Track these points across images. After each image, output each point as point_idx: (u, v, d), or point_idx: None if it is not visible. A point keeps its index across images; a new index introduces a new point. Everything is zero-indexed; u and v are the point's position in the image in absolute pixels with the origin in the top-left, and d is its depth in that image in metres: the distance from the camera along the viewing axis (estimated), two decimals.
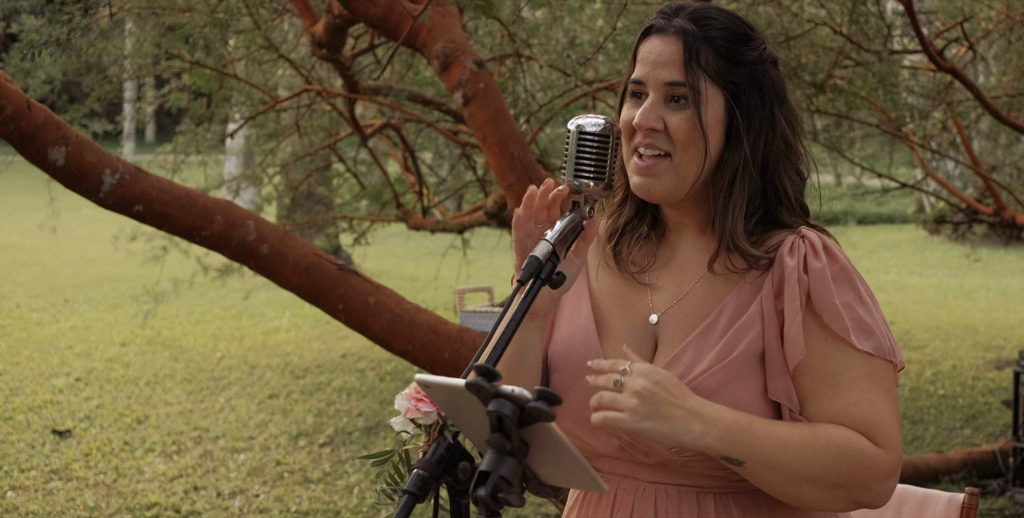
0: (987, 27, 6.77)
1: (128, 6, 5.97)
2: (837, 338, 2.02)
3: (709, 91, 2.07)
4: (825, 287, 2.04)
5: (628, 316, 2.15)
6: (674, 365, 2.06)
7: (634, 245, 2.18)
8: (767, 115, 2.10)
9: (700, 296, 2.12)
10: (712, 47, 2.08)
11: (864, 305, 2.05)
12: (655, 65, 2.08)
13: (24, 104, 3.86)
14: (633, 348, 2.10)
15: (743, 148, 2.08)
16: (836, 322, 2.02)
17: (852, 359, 2.02)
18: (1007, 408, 7.02)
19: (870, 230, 18.15)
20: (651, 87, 2.09)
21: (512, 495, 1.58)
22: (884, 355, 2.03)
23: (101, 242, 13.95)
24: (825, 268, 2.05)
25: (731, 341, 2.05)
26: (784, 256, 2.06)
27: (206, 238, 4.24)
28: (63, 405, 7.43)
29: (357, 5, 4.73)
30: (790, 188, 2.11)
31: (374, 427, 7.07)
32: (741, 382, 2.03)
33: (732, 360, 2.03)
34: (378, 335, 4.36)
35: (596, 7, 6.86)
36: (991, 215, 7.74)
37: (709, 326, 2.08)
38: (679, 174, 2.08)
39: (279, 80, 8.26)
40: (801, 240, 2.08)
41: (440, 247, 9.07)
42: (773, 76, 2.12)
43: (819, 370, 2.03)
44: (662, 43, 2.09)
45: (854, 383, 2.01)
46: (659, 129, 2.07)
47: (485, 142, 4.48)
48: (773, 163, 2.10)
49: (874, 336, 2.03)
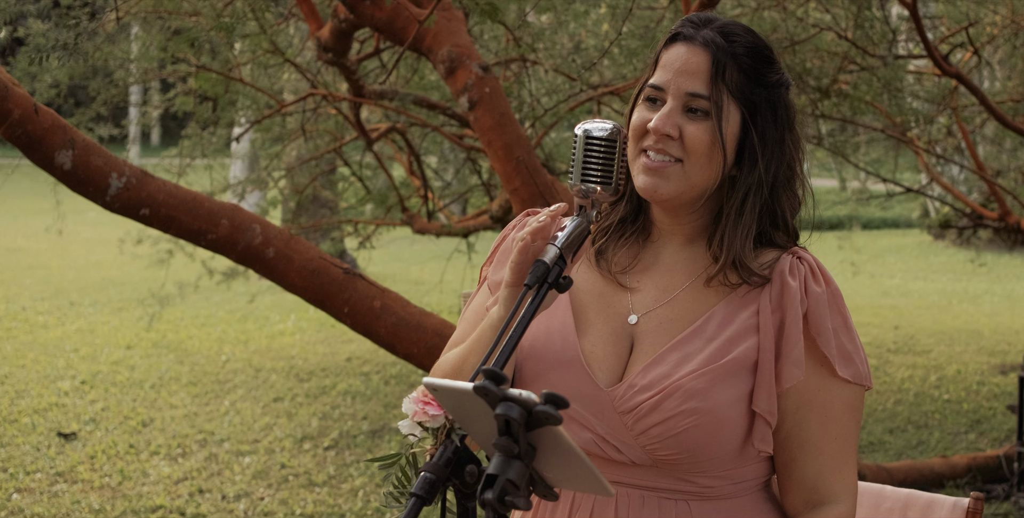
0: (992, 32, 6.78)
1: (134, 10, 5.99)
2: (827, 364, 2.10)
3: (729, 107, 2.09)
4: (822, 311, 2.10)
5: (606, 313, 2.18)
6: (658, 364, 2.09)
7: (620, 246, 2.20)
8: (778, 139, 2.13)
9: (685, 303, 2.15)
10: (737, 64, 2.10)
11: (848, 331, 2.13)
12: (679, 73, 2.10)
13: (31, 108, 3.87)
14: (609, 346, 2.14)
15: (757, 168, 2.11)
16: (827, 347, 2.10)
17: (838, 389, 2.12)
18: (1012, 413, 7.02)
19: (875, 235, 18.14)
20: (671, 94, 2.10)
21: (519, 498, 1.59)
22: (860, 381, 2.13)
23: (106, 245, 13.97)
24: (824, 292, 2.11)
25: (722, 347, 2.09)
26: (785, 274, 2.11)
27: (212, 242, 4.25)
28: (68, 408, 7.44)
29: (363, 9, 4.74)
30: (788, 212, 2.16)
31: (379, 431, 7.08)
32: (726, 387, 2.08)
33: (722, 365, 2.08)
34: (384, 338, 4.37)
35: (601, 12, 6.87)
36: (996, 220, 7.74)
37: (696, 330, 2.11)
38: (688, 181, 2.09)
39: (285, 84, 8.27)
40: (799, 261, 2.13)
41: (445, 251, 9.08)
42: (787, 101, 2.15)
43: (804, 394, 2.11)
44: (689, 52, 2.11)
45: (838, 415, 2.12)
46: (674, 137, 2.08)
47: (490, 146, 4.49)
48: (779, 187, 2.14)
49: (853, 363, 2.12)
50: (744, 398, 2.09)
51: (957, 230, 10.39)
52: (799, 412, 2.10)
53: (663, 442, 2.06)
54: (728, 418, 2.06)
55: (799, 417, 2.10)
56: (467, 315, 2.28)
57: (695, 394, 2.05)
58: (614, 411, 2.09)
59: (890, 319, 10.92)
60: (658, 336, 2.13)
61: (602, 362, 2.14)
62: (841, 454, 2.12)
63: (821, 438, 2.11)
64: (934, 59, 5.64)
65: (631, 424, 2.08)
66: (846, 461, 2.13)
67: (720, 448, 2.08)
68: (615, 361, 2.14)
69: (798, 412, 2.10)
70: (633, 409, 2.08)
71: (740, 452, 2.10)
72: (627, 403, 2.09)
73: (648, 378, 2.09)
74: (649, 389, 2.08)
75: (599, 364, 2.14)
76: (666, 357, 2.10)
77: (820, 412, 2.11)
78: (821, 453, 2.11)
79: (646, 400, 2.07)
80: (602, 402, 2.10)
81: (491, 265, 2.28)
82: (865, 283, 13.35)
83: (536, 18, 6.96)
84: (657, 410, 2.06)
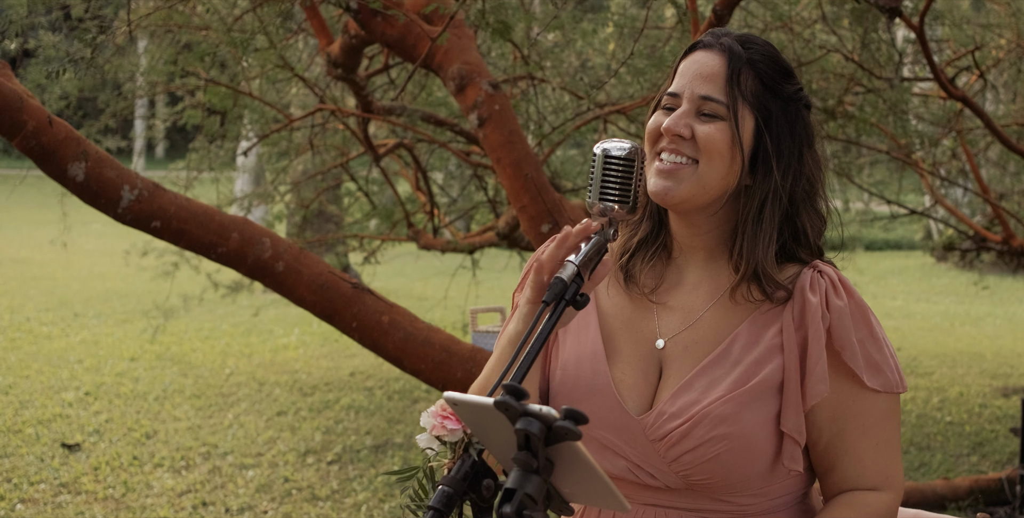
0: (998, 56, 6.82)
1: (145, 23, 6.02)
2: (854, 377, 2.09)
3: (743, 112, 2.10)
4: (845, 325, 2.09)
5: (635, 339, 2.18)
6: (687, 391, 2.09)
7: (645, 265, 2.20)
8: (796, 153, 2.12)
9: (710, 324, 2.14)
10: (754, 70, 2.11)
11: (876, 341, 2.11)
12: (694, 77, 2.11)
13: (46, 120, 3.90)
14: (639, 372, 2.14)
15: (772, 176, 2.10)
16: (853, 360, 2.08)
17: (870, 399, 2.10)
18: (1014, 436, 7.02)
19: (878, 256, 18.16)
20: (686, 98, 2.11)
21: (537, 512, 1.60)
22: (891, 389, 2.11)
23: (111, 257, 14.00)
24: (846, 306, 2.10)
25: (748, 370, 2.08)
26: (805, 290, 2.10)
27: (222, 255, 4.27)
28: (72, 419, 7.45)
29: (374, 26, 4.77)
30: (810, 230, 2.15)
31: (382, 445, 7.08)
32: (753, 410, 2.07)
33: (749, 388, 2.07)
34: (391, 354, 4.39)
35: (609, 31, 6.91)
36: (1000, 243, 7.76)
37: (721, 354, 2.11)
38: (700, 182, 2.09)
39: (293, 99, 8.31)
40: (819, 275, 2.12)
41: (449, 267, 9.10)
42: (806, 119, 2.15)
43: (837, 407, 2.09)
44: (705, 56, 2.13)
45: (875, 423, 2.10)
46: (686, 136, 2.09)
47: (499, 163, 4.51)
48: (799, 201, 2.13)
49: (882, 373, 2.10)
50: (772, 419, 2.08)
51: (960, 252, 10.41)
52: (835, 424, 2.10)
53: (696, 468, 2.07)
54: (758, 440, 2.07)
55: (836, 429, 2.10)
56: (501, 341, 2.24)
57: (724, 419, 2.06)
58: (646, 439, 2.10)
59: (892, 341, 10.88)
60: (685, 361, 2.13)
61: (632, 389, 2.14)
62: (883, 458, 2.12)
63: (861, 446, 2.11)
64: (940, 82, 5.67)
65: (663, 452, 2.09)
66: (889, 463, 2.13)
67: (752, 469, 2.08)
68: (645, 387, 2.14)
69: (834, 425, 2.10)
70: (664, 437, 2.08)
71: (771, 471, 2.10)
72: (658, 431, 2.09)
73: (677, 405, 2.09)
74: (678, 417, 2.08)
75: (629, 391, 2.14)
76: (694, 383, 2.10)
77: (857, 422, 2.10)
78: (862, 460, 2.11)
79: (676, 428, 2.08)
80: (634, 430, 2.11)
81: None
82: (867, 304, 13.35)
83: (544, 36, 6.99)
84: (688, 437, 2.07)
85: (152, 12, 5.80)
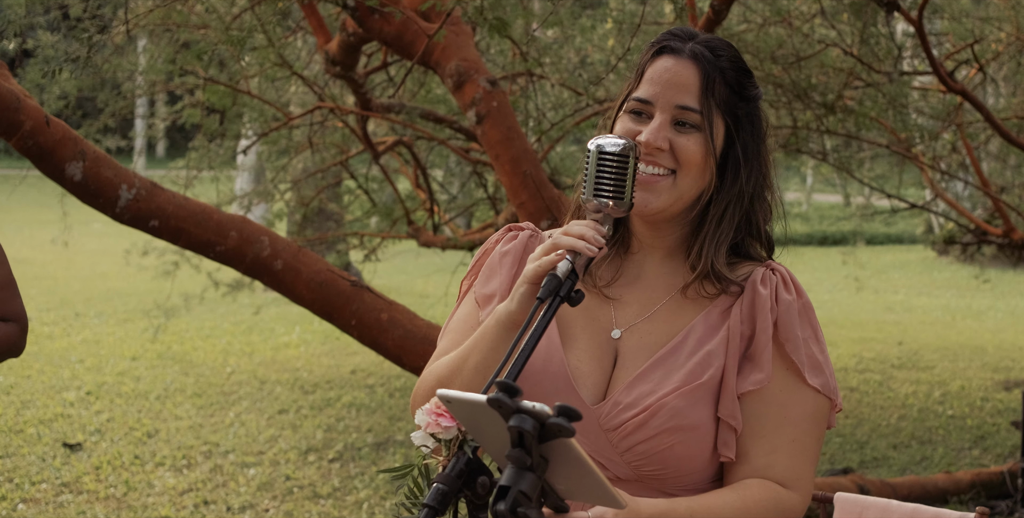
0: (997, 49, 6.81)
1: (143, 22, 6.02)
2: (794, 370, 2.11)
3: (716, 120, 2.12)
4: (792, 319, 2.12)
5: (591, 328, 2.19)
6: (642, 381, 2.11)
7: (603, 259, 2.21)
8: (756, 151, 2.16)
9: (666, 317, 2.17)
10: (724, 78, 2.13)
11: (819, 343, 2.15)
12: (668, 86, 2.11)
13: (43, 120, 3.90)
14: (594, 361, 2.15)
15: (739, 180, 2.14)
16: (796, 354, 2.11)
17: (802, 394, 2.11)
18: (1016, 429, 7.02)
19: (879, 250, 18.16)
20: (660, 108, 2.11)
21: (531, 509, 1.60)
22: (828, 393, 2.13)
23: (112, 256, 14.00)
24: (794, 301, 2.13)
25: (701, 363, 2.11)
26: (756, 285, 2.14)
27: (221, 253, 4.27)
28: (74, 418, 7.46)
29: (372, 24, 4.77)
30: (761, 219, 2.18)
31: (383, 443, 7.09)
32: (705, 404, 2.09)
33: (702, 383, 2.10)
34: (391, 351, 4.39)
35: (607, 27, 6.90)
36: (1000, 236, 7.75)
37: (677, 345, 2.13)
38: (678, 192, 2.12)
39: (292, 97, 8.30)
40: (772, 272, 2.16)
41: (450, 264, 9.09)
42: (762, 113, 2.19)
43: (766, 395, 2.11)
44: (677, 65, 2.12)
45: (799, 419, 2.11)
46: (665, 149, 2.10)
47: (498, 160, 4.51)
48: (756, 197, 2.17)
49: (823, 374, 2.13)
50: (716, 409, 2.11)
51: (961, 246, 10.42)
52: (757, 409, 2.10)
53: (648, 458, 2.09)
54: (708, 433, 2.09)
55: (757, 414, 2.10)
56: (453, 326, 2.26)
57: (678, 412, 2.07)
58: (600, 428, 2.11)
59: (894, 335, 10.93)
60: (640, 351, 2.15)
61: (587, 377, 2.15)
62: (797, 457, 2.10)
63: (778, 437, 2.10)
64: (939, 76, 5.66)
65: (616, 442, 2.10)
66: (802, 464, 2.10)
67: (700, 461, 2.10)
68: (600, 376, 2.15)
69: (756, 409, 2.10)
70: (618, 427, 2.09)
71: (711, 461, 2.12)
72: (612, 421, 2.10)
73: (632, 396, 2.10)
74: (633, 407, 2.09)
75: (584, 379, 2.15)
76: (649, 374, 2.11)
77: (781, 412, 2.10)
78: (775, 451, 2.10)
79: (631, 418, 2.09)
80: (587, 419, 2.11)
81: (475, 278, 2.28)
82: (869, 299, 13.36)
83: (543, 33, 6.98)
84: (642, 428, 2.08)
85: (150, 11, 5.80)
